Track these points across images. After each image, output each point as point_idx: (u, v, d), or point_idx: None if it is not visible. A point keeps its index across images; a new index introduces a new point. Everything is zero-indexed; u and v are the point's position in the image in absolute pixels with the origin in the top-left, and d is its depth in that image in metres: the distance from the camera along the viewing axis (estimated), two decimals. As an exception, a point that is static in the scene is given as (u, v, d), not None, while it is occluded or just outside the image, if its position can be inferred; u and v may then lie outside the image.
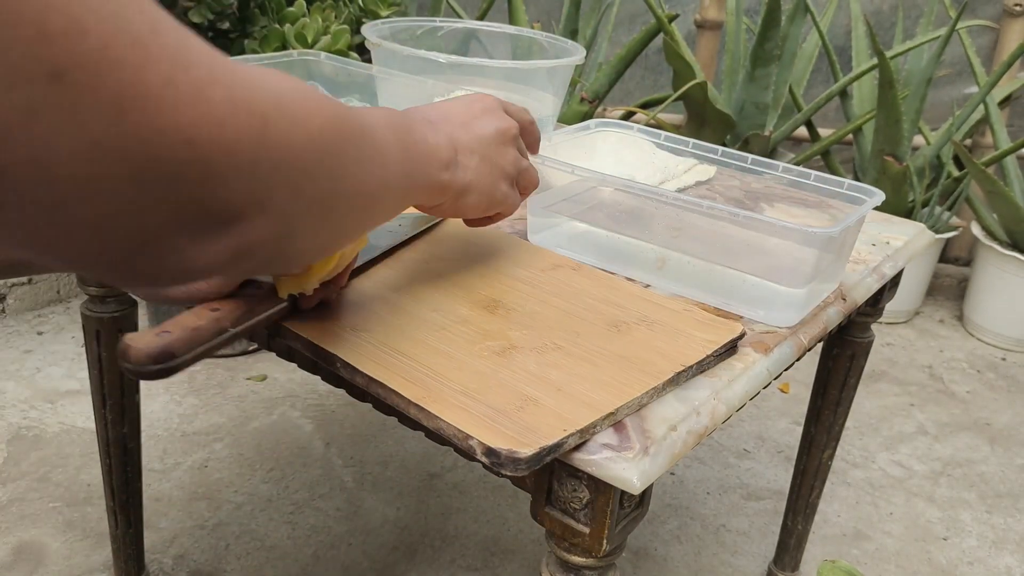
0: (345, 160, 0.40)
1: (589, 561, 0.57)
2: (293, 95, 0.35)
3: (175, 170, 0.28)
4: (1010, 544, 1.38)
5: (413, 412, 0.54)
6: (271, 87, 0.33)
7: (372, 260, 0.69)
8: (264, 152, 0.32)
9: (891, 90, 1.85)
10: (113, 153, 0.26)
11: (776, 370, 0.67)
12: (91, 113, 0.25)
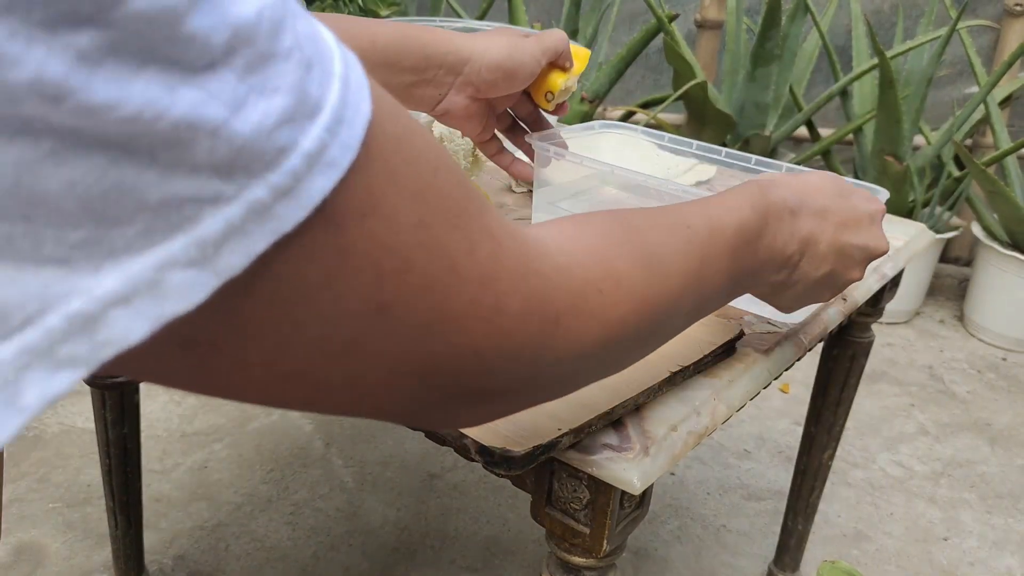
0: (644, 337, 0.38)
1: (589, 561, 0.56)
2: (593, 289, 0.33)
3: (457, 368, 0.28)
4: (1011, 544, 1.38)
5: (412, 412, 0.54)
6: (573, 286, 0.32)
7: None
8: (548, 352, 0.31)
9: (891, 90, 1.85)
10: (409, 365, 0.26)
11: (776, 370, 0.66)
12: (402, 337, 0.25)
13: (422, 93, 0.67)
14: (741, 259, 0.44)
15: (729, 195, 0.46)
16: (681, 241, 0.40)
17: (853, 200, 0.53)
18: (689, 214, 0.42)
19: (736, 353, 0.65)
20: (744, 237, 0.45)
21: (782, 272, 0.50)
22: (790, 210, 0.49)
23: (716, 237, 0.43)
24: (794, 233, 0.49)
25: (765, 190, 0.48)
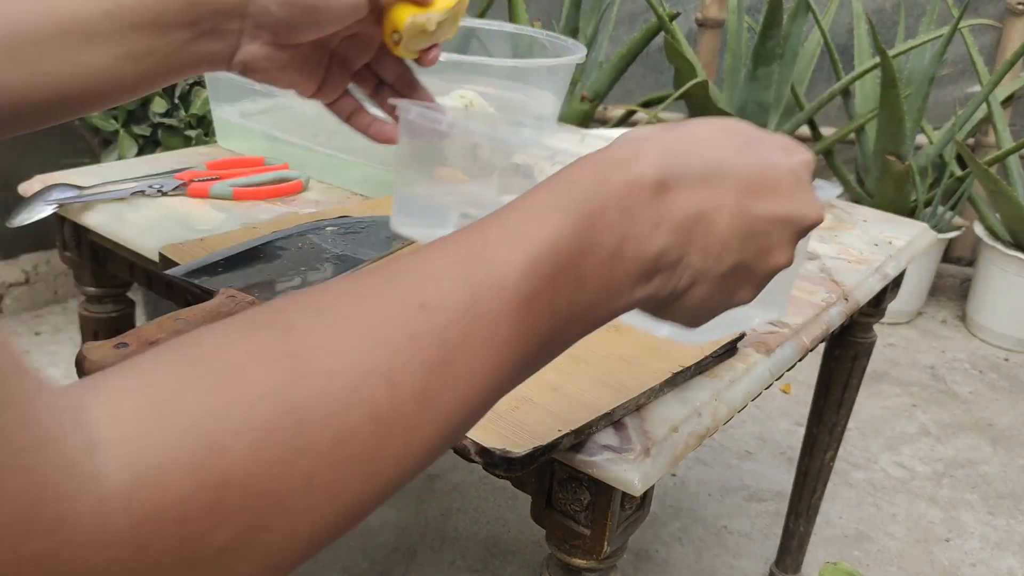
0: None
1: (590, 563, 0.56)
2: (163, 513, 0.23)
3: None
4: (1013, 545, 1.37)
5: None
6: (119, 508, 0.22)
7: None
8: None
9: (893, 89, 1.84)
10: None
11: (777, 371, 0.66)
12: None
13: (206, 49, 0.53)
14: (548, 308, 0.32)
15: (534, 200, 0.33)
16: (399, 339, 0.28)
17: (763, 151, 0.37)
18: (431, 279, 0.30)
19: (737, 353, 0.64)
20: (551, 269, 0.31)
21: (653, 281, 0.35)
22: (655, 185, 0.34)
23: (484, 300, 0.30)
24: (662, 220, 0.34)
25: (605, 169, 0.34)
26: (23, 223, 0.80)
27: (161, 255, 0.72)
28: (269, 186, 0.87)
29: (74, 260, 0.89)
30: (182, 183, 0.86)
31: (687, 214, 0.35)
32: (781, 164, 0.38)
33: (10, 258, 1.81)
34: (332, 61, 0.59)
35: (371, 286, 0.30)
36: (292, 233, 0.76)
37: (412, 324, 0.29)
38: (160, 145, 1.47)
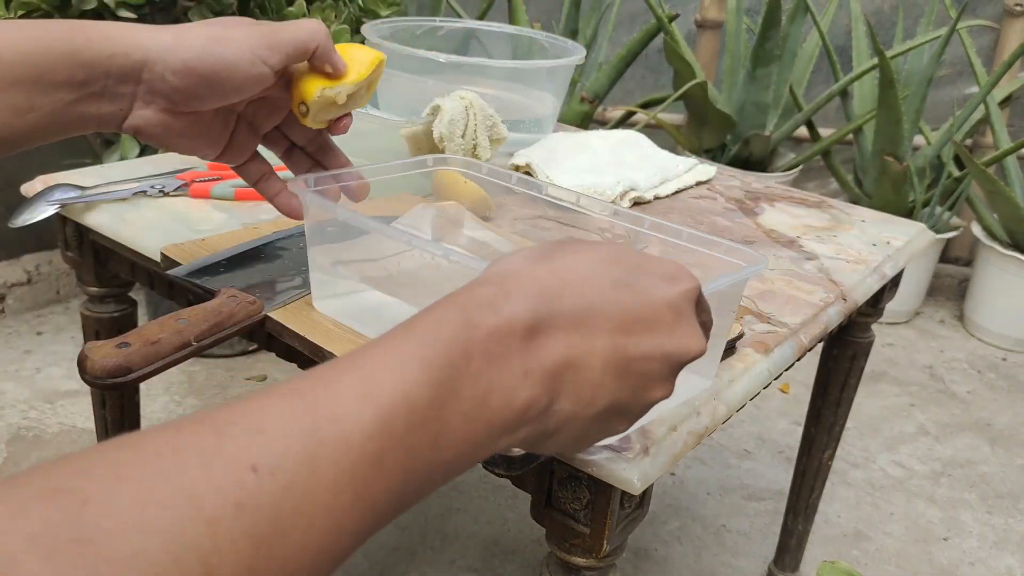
0: None
1: (589, 562, 0.56)
2: None
3: None
4: (1011, 544, 1.38)
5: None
6: None
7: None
8: None
9: (892, 90, 1.85)
10: None
11: (776, 370, 0.66)
12: None
13: (95, 111, 0.50)
14: (399, 469, 0.29)
15: (393, 345, 0.30)
16: (223, 511, 0.24)
17: (642, 283, 0.36)
18: (265, 434, 0.26)
19: (736, 353, 0.65)
20: (405, 427, 0.29)
21: (520, 432, 0.33)
22: (525, 331, 0.32)
23: (325, 462, 0.27)
24: (531, 369, 0.32)
25: (473, 311, 0.32)
26: (25, 223, 0.81)
27: (163, 255, 0.72)
28: (270, 187, 0.87)
29: (76, 260, 0.89)
30: (184, 183, 0.86)
31: (557, 360, 0.33)
32: (660, 297, 0.36)
33: (12, 258, 1.82)
34: (239, 124, 0.56)
35: (194, 441, 0.26)
36: (293, 233, 0.76)
37: (239, 491, 0.25)
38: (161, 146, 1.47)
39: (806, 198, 1.04)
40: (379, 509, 0.28)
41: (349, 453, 0.27)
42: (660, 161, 1.03)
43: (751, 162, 2.15)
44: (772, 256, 0.85)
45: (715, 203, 0.99)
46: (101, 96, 0.50)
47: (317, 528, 0.26)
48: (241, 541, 0.24)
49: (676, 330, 0.36)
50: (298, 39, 0.52)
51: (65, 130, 0.51)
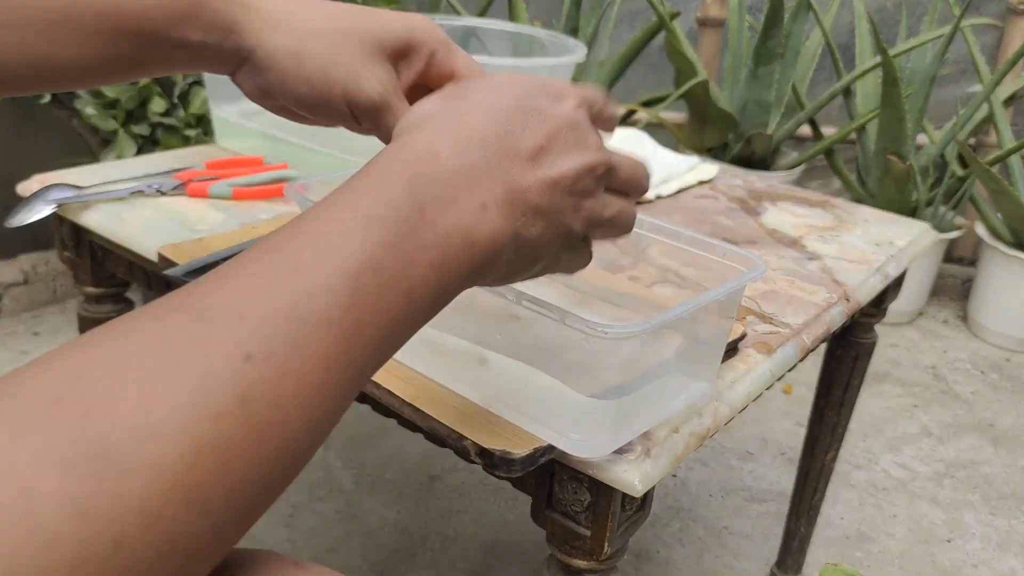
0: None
1: (590, 564, 0.56)
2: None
3: None
4: (1014, 546, 1.37)
5: (408, 412, 0.53)
6: None
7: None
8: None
9: (895, 88, 1.84)
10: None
11: (779, 371, 0.66)
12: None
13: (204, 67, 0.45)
14: (380, 326, 0.29)
15: (343, 214, 0.30)
16: (229, 403, 0.24)
17: (541, 107, 0.36)
18: (251, 318, 0.26)
19: (738, 354, 0.64)
20: (374, 290, 0.29)
21: (498, 265, 0.34)
22: (466, 170, 0.33)
23: (311, 342, 0.26)
24: (486, 203, 0.33)
25: (412, 168, 0.32)
26: (22, 223, 0.80)
27: (160, 255, 0.71)
28: (268, 186, 0.87)
29: (73, 260, 0.89)
30: (181, 183, 0.85)
31: (503, 190, 0.33)
32: (561, 116, 0.36)
33: (9, 258, 1.81)
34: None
35: (180, 331, 0.25)
36: (291, 233, 0.75)
37: (240, 382, 0.24)
38: (159, 145, 1.46)
39: (809, 197, 1.04)
40: (366, 373, 0.29)
41: (331, 329, 0.27)
42: (662, 160, 1.03)
43: (753, 161, 2.14)
44: (775, 256, 0.84)
45: (717, 202, 0.98)
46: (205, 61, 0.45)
47: (315, 407, 0.26)
48: (249, 433, 0.24)
49: (583, 143, 0.36)
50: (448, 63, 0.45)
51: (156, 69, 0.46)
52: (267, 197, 0.86)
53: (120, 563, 0.22)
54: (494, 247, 0.33)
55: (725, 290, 0.49)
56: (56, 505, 0.21)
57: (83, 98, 1.41)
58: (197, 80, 1.48)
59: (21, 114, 1.70)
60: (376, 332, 0.29)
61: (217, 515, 0.24)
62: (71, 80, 0.43)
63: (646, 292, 0.63)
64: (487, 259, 0.33)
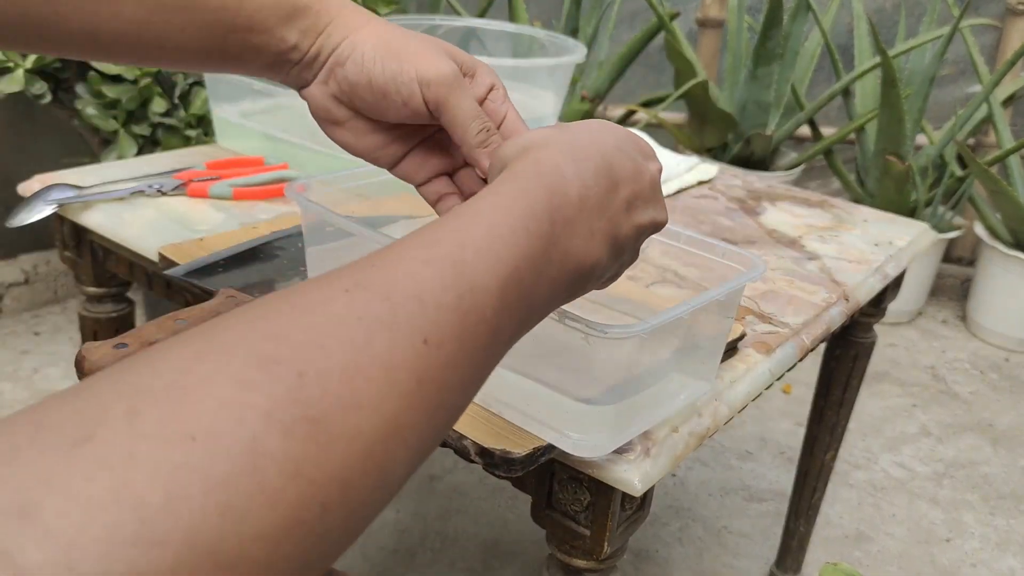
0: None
1: (590, 564, 0.56)
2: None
3: None
4: (1013, 546, 1.37)
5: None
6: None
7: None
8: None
9: (894, 89, 1.84)
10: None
11: (778, 371, 0.66)
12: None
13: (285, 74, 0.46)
14: (508, 334, 0.31)
15: (497, 221, 0.31)
16: (409, 384, 0.26)
17: (635, 157, 0.40)
18: (427, 305, 0.27)
19: (737, 353, 0.64)
20: (516, 296, 0.31)
21: (586, 290, 0.37)
22: (584, 194, 0.35)
23: (470, 334, 0.28)
24: (595, 230, 0.35)
25: (549, 184, 0.34)
26: (23, 223, 0.80)
27: (161, 255, 0.71)
28: (269, 186, 0.87)
29: (74, 260, 0.89)
30: (182, 183, 0.85)
31: (607, 222, 0.36)
32: (648, 171, 0.40)
33: (10, 258, 1.81)
34: (424, 143, 0.48)
35: (369, 310, 0.26)
36: (292, 233, 0.75)
37: (418, 364, 0.26)
38: (160, 145, 1.47)
39: (808, 197, 1.04)
40: (486, 375, 0.31)
41: (483, 325, 0.29)
42: (662, 160, 1.03)
43: (753, 161, 2.15)
44: (774, 256, 0.84)
45: (717, 202, 0.98)
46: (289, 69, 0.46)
47: (465, 397, 0.29)
48: (421, 414, 0.26)
49: (659, 203, 0.41)
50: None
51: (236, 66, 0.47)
52: (267, 197, 0.86)
53: (323, 528, 0.22)
54: (594, 272, 0.36)
55: (724, 290, 0.49)
56: (279, 466, 0.21)
57: (84, 98, 1.41)
58: (198, 80, 1.48)
59: (21, 114, 1.70)
60: (506, 337, 0.31)
61: (392, 487, 0.26)
62: (171, 62, 0.44)
63: (645, 292, 0.63)
64: (586, 283, 0.36)
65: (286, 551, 0.21)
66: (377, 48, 0.44)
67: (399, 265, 0.28)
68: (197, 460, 0.20)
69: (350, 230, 0.52)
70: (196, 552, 0.19)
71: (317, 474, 0.22)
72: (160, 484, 0.20)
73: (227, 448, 0.21)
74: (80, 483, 0.19)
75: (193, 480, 0.20)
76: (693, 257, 0.56)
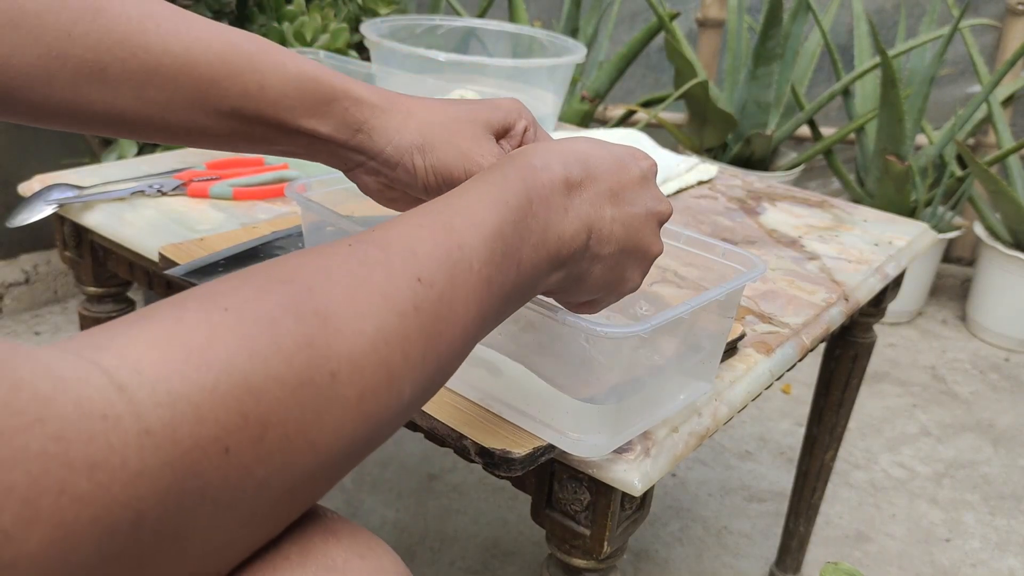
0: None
1: (590, 563, 0.56)
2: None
3: None
4: (1013, 546, 1.37)
5: (410, 413, 0.53)
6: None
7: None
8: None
9: (894, 89, 1.84)
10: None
11: (778, 371, 0.66)
12: None
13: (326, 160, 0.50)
14: (499, 288, 0.36)
15: (476, 194, 0.38)
16: (407, 308, 0.31)
17: (624, 159, 0.45)
18: (419, 254, 0.33)
19: (737, 353, 0.64)
20: (501, 254, 0.36)
21: (565, 266, 0.41)
22: (563, 183, 0.41)
23: (459, 280, 0.34)
24: (570, 208, 0.41)
25: (526, 174, 0.40)
26: (23, 223, 0.80)
27: (161, 255, 0.71)
28: (269, 186, 0.87)
29: (74, 260, 0.89)
30: (182, 183, 0.86)
31: (588, 206, 0.42)
32: (638, 168, 0.45)
33: (10, 258, 1.81)
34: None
35: (368, 255, 0.32)
36: (292, 233, 0.76)
37: (414, 295, 0.32)
38: (160, 145, 1.47)
39: (808, 198, 1.04)
40: (488, 323, 0.36)
41: (471, 275, 0.34)
42: (661, 160, 1.03)
43: (752, 161, 2.15)
44: (774, 256, 0.84)
45: (716, 202, 0.98)
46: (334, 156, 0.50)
47: (458, 332, 0.34)
48: (420, 335, 0.32)
49: (653, 193, 0.46)
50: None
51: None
52: (268, 197, 0.86)
53: (333, 392, 0.28)
54: (575, 242, 0.41)
55: (724, 290, 0.49)
56: (293, 337, 0.27)
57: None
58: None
59: (21, 114, 1.70)
60: (498, 290, 0.36)
61: (400, 392, 0.31)
62: (197, 143, 0.48)
63: (645, 292, 0.63)
64: (570, 253, 0.41)
65: (303, 399, 0.27)
66: (425, 158, 0.48)
67: (396, 227, 0.35)
68: (230, 320, 0.27)
69: (350, 230, 0.52)
70: (232, 377, 0.25)
71: (325, 349, 0.28)
72: (202, 332, 0.26)
73: (252, 318, 0.27)
74: (139, 333, 0.25)
75: (227, 332, 0.26)
76: (693, 257, 0.56)
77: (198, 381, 0.25)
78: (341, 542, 0.31)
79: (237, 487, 0.25)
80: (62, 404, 0.21)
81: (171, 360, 0.25)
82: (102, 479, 0.21)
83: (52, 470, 0.20)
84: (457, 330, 0.34)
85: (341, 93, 0.47)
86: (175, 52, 0.44)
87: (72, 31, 0.42)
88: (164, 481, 0.23)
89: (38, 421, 0.21)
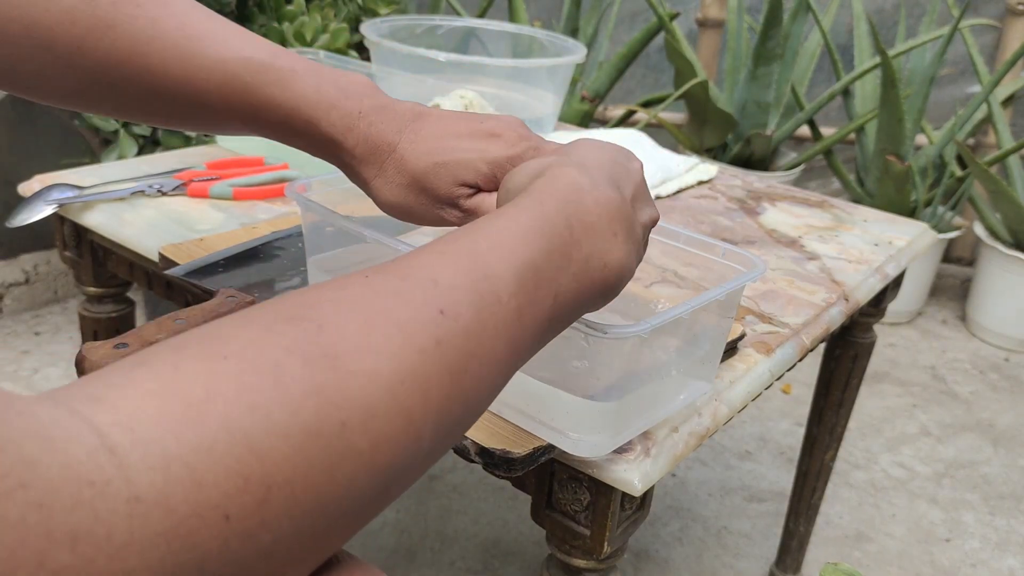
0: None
1: (590, 563, 0.56)
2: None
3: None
4: (1013, 546, 1.37)
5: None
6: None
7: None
8: None
9: (894, 89, 1.84)
10: None
11: (778, 371, 0.66)
12: None
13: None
14: (532, 322, 0.34)
15: (510, 224, 0.35)
16: (428, 343, 0.29)
17: (625, 164, 0.43)
18: (442, 285, 0.31)
19: (737, 353, 0.64)
20: (532, 285, 0.34)
21: (616, 290, 0.40)
22: (605, 203, 0.39)
23: (487, 313, 0.31)
24: (618, 231, 0.38)
25: (565, 195, 0.37)
26: (23, 223, 0.80)
27: (161, 255, 0.71)
28: (269, 186, 0.87)
29: (74, 260, 0.89)
30: (182, 183, 0.86)
31: (628, 223, 0.39)
32: (638, 173, 0.44)
33: (10, 258, 1.81)
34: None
35: (387, 286, 0.30)
36: (292, 233, 0.76)
37: (436, 329, 0.29)
38: (160, 145, 1.47)
39: (808, 198, 1.04)
40: (520, 356, 0.34)
41: (500, 307, 0.32)
42: (661, 160, 1.03)
43: (752, 161, 2.15)
44: (774, 256, 0.84)
45: (716, 203, 0.98)
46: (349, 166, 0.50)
47: (485, 370, 0.31)
48: (442, 374, 0.29)
49: (651, 199, 0.44)
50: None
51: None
52: (268, 197, 0.86)
53: (343, 444, 0.26)
54: (621, 271, 0.39)
55: (724, 290, 0.49)
56: (300, 385, 0.25)
57: (83, 98, 1.41)
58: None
59: (21, 114, 1.70)
60: (531, 322, 0.34)
61: (420, 436, 0.28)
62: (219, 131, 0.50)
63: (645, 292, 0.63)
64: (615, 281, 0.39)
65: (310, 454, 0.25)
66: (418, 186, 0.47)
67: (416, 256, 0.32)
68: (230, 369, 0.25)
69: (350, 230, 0.52)
70: (232, 435, 0.23)
71: (336, 397, 0.26)
72: (200, 384, 0.24)
73: (254, 365, 0.25)
74: (134, 384, 0.23)
75: (226, 383, 0.24)
76: (693, 257, 0.56)
77: (193, 441, 0.22)
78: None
79: (239, 556, 0.23)
80: (47, 467, 0.20)
81: (166, 416, 0.23)
82: (85, 551, 0.20)
83: (30, 541, 0.19)
84: (485, 368, 0.31)
85: (339, 136, 0.47)
86: (175, 76, 0.46)
87: (82, 45, 0.44)
88: (156, 553, 0.21)
89: (21, 487, 0.19)
